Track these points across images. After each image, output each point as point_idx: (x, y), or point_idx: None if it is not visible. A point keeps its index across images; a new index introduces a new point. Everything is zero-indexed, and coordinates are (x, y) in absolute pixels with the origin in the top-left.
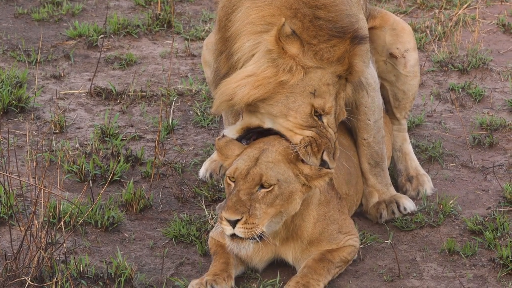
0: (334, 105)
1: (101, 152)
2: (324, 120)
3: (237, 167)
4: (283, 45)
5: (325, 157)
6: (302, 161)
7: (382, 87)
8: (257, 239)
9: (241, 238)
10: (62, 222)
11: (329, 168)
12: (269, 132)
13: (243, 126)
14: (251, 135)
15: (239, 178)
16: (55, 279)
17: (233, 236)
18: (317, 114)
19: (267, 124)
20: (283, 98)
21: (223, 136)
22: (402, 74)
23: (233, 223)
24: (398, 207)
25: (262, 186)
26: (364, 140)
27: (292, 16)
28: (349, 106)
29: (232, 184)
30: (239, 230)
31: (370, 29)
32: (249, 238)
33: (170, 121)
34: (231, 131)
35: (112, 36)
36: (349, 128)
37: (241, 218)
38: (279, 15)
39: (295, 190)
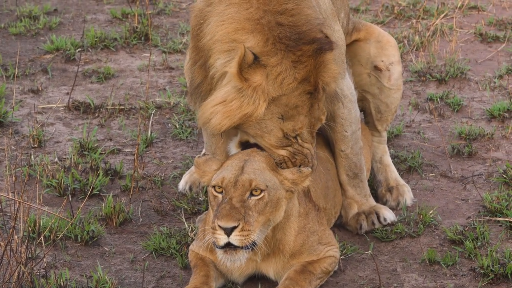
0: (306, 123)
1: (80, 166)
2: (298, 138)
3: (224, 177)
4: (245, 78)
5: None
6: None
7: (364, 100)
8: (251, 248)
9: (234, 249)
10: (42, 237)
11: None
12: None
13: (239, 141)
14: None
15: (229, 187)
16: None
17: (226, 247)
18: (289, 136)
19: (252, 141)
20: (255, 124)
21: (204, 154)
22: (385, 87)
23: (229, 231)
24: (378, 217)
25: (251, 194)
26: (341, 151)
27: (253, 30)
28: (326, 117)
29: (219, 195)
30: (235, 238)
31: (355, 41)
32: (242, 248)
33: (149, 134)
34: (232, 147)
35: (90, 50)
36: (326, 140)
37: (238, 225)
38: (242, 29)
39: (281, 196)
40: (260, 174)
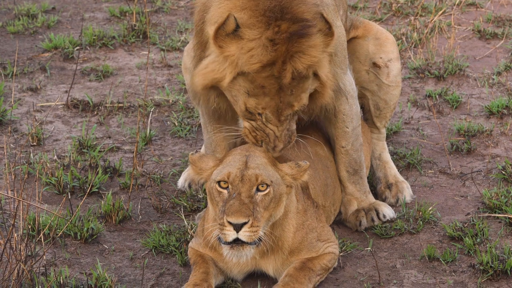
0: (272, 105)
1: (79, 164)
2: (262, 117)
3: (230, 172)
4: (219, 45)
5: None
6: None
7: (363, 97)
8: (258, 243)
9: (241, 245)
10: (41, 235)
11: None
12: None
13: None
14: None
15: (236, 182)
16: None
17: (233, 243)
18: (252, 112)
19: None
20: (227, 90)
21: (196, 151)
22: (384, 84)
23: (239, 227)
24: (378, 214)
25: (257, 190)
26: (342, 148)
27: (245, 7)
28: (328, 113)
29: (224, 191)
30: (244, 234)
31: (353, 38)
32: (250, 243)
33: (148, 132)
34: (240, 121)
35: (88, 48)
36: (326, 138)
37: (248, 221)
38: (235, 7)
39: (283, 192)
40: (264, 169)
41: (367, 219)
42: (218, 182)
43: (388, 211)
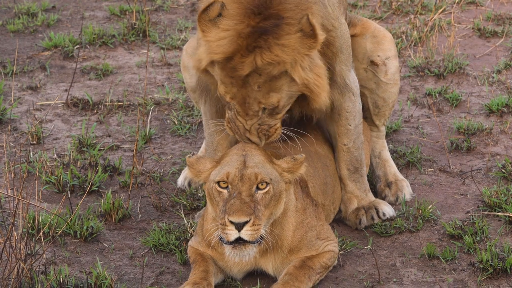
0: (238, 97)
1: (78, 162)
2: (232, 107)
3: (229, 171)
4: (203, 28)
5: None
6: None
7: (361, 95)
8: (259, 242)
9: (243, 244)
10: (41, 233)
11: None
12: None
13: None
14: None
15: (235, 181)
16: None
17: (235, 242)
18: (223, 99)
19: None
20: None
21: (193, 154)
22: (382, 82)
23: (240, 226)
24: (377, 212)
25: (257, 188)
26: (344, 145)
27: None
28: (332, 111)
29: (224, 191)
30: (246, 233)
31: (351, 36)
32: (251, 243)
33: (148, 130)
34: None
35: (88, 47)
36: (326, 137)
37: (249, 220)
38: None
39: (282, 189)
40: (263, 167)
41: (367, 217)
42: (218, 183)
43: (388, 210)
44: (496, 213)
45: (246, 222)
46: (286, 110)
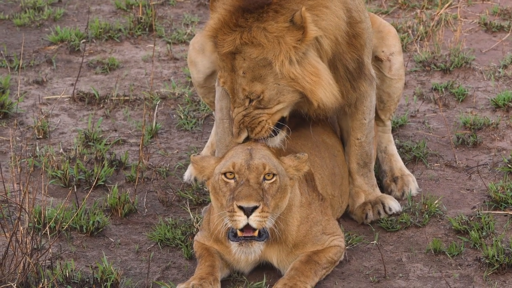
0: (228, 81)
1: (85, 157)
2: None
3: (235, 162)
4: (211, 7)
5: None
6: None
7: None
8: (266, 235)
9: (250, 241)
10: (47, 228)
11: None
12: None
13: None
14: None
15: (242, 170)
16: (41, 284)
17: (242, 239)
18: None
19: None
20: None
21: (198, 154)
22: (387, 77)
23: (250, 212)
24: (384, 207)
25: (264, 178)
26: (357, 140)
27: None
28: (348, 104)
29: (231, 181)
30: (255, 219)
31: None
32: (258, 239)
33: (154, 125)
34: None
35: (94, 41)
36: (333, 128)
37: (258, 206)
38: None
39: (287, 183)
40: (269, 159)
41: (374, 212)
42: (224, 174)
43: (394, 205)
44: (504, 212)
45: (255, 208)
46: (280, 108)
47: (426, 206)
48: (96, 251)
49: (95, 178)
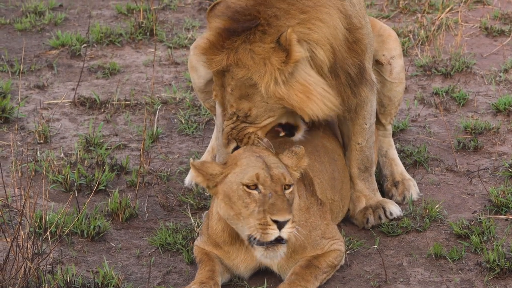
0: (219, 95)
1: (86, 161)
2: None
3: (258, 173)
4: (209, 20)
5: None
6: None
7: None
8: (285, 241)
9: (276, 245)
10: (48, 232)
11: None
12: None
13: None
14: None
15: (267, 182)
16: None
17: (269, 244)
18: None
19: None
20: None
21: (194, 159)
22: (387, 81)
23: (282, 225)
24: (385, 212)
25: (283, 188)
26: (358, 144)
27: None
28: (348, 109)
29: (254, 192)
30: (286, 231)
31: None
32: (283, 242)
33: (155, 129)
34: None
35: (95, 45)
36: (334, 132)
37: (290, 218)
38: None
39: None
40: (283, 168)
41: (374, 217)
42: (246, 185)
43: (395, 209)
44: (505, 217)
45: (287, 221)
46: (270, 121)
47: (427, 211)
48: (97, 255)
49: (96, 183)
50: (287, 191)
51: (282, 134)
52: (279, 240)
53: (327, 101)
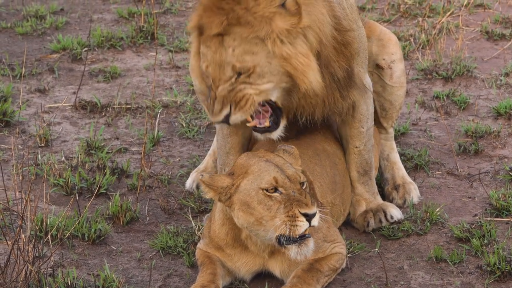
0: (212, 63)
1: (87, 165)
2: (208, 75)
3: (275, 177)
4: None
5: None
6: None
7: None
8: (309, 234)
9: (306, 239)
10: (49, 236)
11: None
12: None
13: None
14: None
15: (286, 183)
16: None
17: (299, 240)
18: None
19: None
20: None
21: (202, 175)
22: (388, 85)
23: (312, 217)
24: (385, 215)
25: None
26: (356, 148)
27: None
28: (345, 113)
29: (275, 194)
30: (314, 221)
31: None
32: (308, 236)
33: (156, 133)
34: None
35: (96, 49)
36: (335, 136)
37: (317, 210)
38: None
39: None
40: (293, 167)
41: (375, 220)
42: (265, 189)
43: (395, 212)
44: (506, 219)
45: (315, 214)
46: (268, 87)
47: (428, 214)
48: (98, 259)
49: (97, 186)
50: (303, 188)
51: (266, 124)
52: (302, 237)
53: (318, 77)
